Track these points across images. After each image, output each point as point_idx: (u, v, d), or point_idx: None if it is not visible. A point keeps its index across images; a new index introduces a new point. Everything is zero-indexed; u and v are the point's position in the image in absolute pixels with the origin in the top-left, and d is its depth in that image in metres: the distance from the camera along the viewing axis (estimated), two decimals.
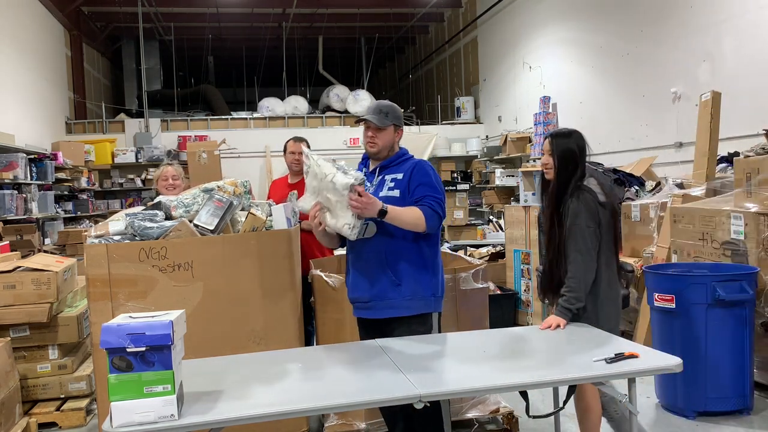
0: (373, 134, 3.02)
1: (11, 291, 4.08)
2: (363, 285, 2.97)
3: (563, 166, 3.08)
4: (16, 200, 7.59)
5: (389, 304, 2.93)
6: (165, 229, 3.41)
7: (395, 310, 2.93)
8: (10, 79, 9.04)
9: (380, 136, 3.01)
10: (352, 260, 3.05)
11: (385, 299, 2.93)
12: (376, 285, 2.93)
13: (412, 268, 2.93)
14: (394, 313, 2.93)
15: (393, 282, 2.91)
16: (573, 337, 2.82)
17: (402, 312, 2.93)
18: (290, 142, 4.73)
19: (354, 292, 3.04)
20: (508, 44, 11.66)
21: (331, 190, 2.74)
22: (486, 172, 11.57)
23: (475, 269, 3.68)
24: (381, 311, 2.95)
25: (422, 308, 2.96)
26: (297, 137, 4.78)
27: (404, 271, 2.92)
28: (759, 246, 4.16)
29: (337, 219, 2.78)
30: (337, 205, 2.75)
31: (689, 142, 6.62)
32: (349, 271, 3.08)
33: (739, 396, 3.90)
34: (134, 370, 1.97)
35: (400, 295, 2.91)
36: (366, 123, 3.01)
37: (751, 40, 6.03)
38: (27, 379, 4.23)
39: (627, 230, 5.89)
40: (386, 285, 2.92)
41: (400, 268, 2.92)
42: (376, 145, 3.03)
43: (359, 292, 3.00)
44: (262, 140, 12.60)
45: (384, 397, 2.22)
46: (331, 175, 2.73)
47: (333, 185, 2.71)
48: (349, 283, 3.07)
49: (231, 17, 14.63)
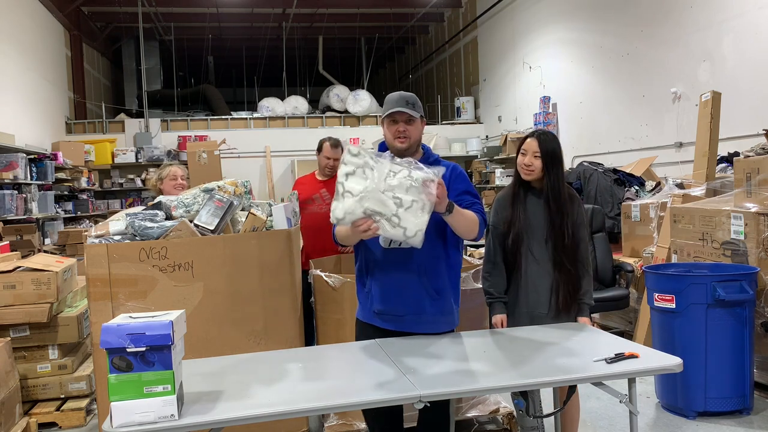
0: (404, 128, 2.69)
1: (11, 291, 4.08)
2: (395, 296, 2.69)
3: (554, 165, 2.98)
4: (16, 200, 7.59)
5: (426, 319, 2.71)
6: (165, 229, 3.41)
7: (432, 325, 2.73)
8: (10, 79, 9.04)
9: (411, 129, 2.70)
10: (379, 266, 2.71)
11: (423, 314, 2.70)
12: (412, 297, 2.68)
13: (448, 279, 2.73)
14: (430, 329, 2.73)
15: (431, 295, 2.68)
16: (573, 337, 2.82)
17: (438, 328, 2.75)
18: (326, 144, 4.55)
19: (384, 303, 2.72)
20: (508, 44, 11.66)
21: (406, 190, 2.35)
22: (486, 172, 11.57)
23: (475, 269, 3.68)
24: (416, 326, 2.73)
25: (452, 324, 2.80)
26: (333, 141, 4.58)
27: (441, 283, 2.70)
28: (759, 246, 4.16)
29: (406, 226, 2.36)
30: (410, 209, 2.36)
31: (689, 142, 6.63)
32: (374, 278, 2.73)
33: (739, 396, 3.90)
34: (134, 370, 1.97)
35: (439, 309, 2.71)
36: (393, 117, 2.69)
37: (751, 40, 6.03)
38: (27, 379, 4.23)
39: (627, 230, 5.90)
40: (424, 297, 2.68)
41: (438, 278, 2.69)
42: (407, 140, 2.70)
43: (391, 304, 2.71)
44: (262, 140, 12.61)
45: (384, 397, 2.22)
46: (407, 172, 2.35)
47: (411, 182, 2.33)
48: (376, 292, 2.72)
49: (231, 17, 14.64)
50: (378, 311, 2.74)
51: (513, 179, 3.14)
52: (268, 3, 13.60)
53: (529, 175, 3.01)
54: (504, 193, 3.17)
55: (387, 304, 2.71)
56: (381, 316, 2.75)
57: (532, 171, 2.99)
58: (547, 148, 2.97)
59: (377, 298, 2.73)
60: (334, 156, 4.51)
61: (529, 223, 3.02)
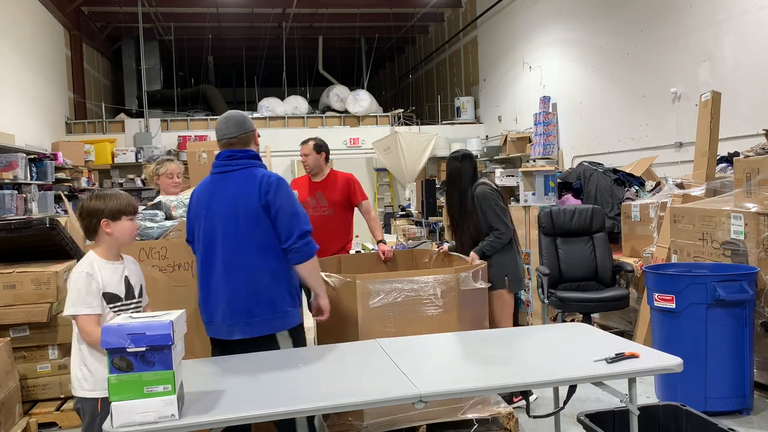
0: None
1: (11, 291, 4.08)
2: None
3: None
4: (16, 200, 7.59)
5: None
6: (165, 229, 3.41)
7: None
8: (10, 79, 9.04)
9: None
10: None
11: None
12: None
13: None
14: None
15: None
16: (573, 337, 2.82)
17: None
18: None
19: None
20: (507, 44, 11.66)
21: None
22: (486, 172, 11.57)
23: (475, 269, 3.68)
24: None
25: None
26: (305, 140, 4.87)
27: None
28: (759, 246, 4.16)
29: None
30: None
31: (689, 142, 6.63)
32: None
33: (739, 396, 3.90)
34: (134, 370, 1.97)
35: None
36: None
37: (751, 40, 6.03)
38: (27, 379, 4.23)
39: (627, 230, 5.90)
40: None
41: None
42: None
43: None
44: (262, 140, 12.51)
45: (384, 397, 2.22)
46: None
47: None
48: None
49: (231, 17, 14.63)
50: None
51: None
52: (268, 3, 13.60)
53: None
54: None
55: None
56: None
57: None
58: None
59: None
60: (302, 152, 4.80)
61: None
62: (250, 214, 2.89)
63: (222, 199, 2.96)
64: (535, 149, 10.04)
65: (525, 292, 6.32)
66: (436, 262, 4.48)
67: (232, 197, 2.93)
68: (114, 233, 2.66)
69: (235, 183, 2.95)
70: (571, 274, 5.49)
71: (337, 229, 4.77)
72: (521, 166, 7.77)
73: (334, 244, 4.70)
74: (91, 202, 2.67)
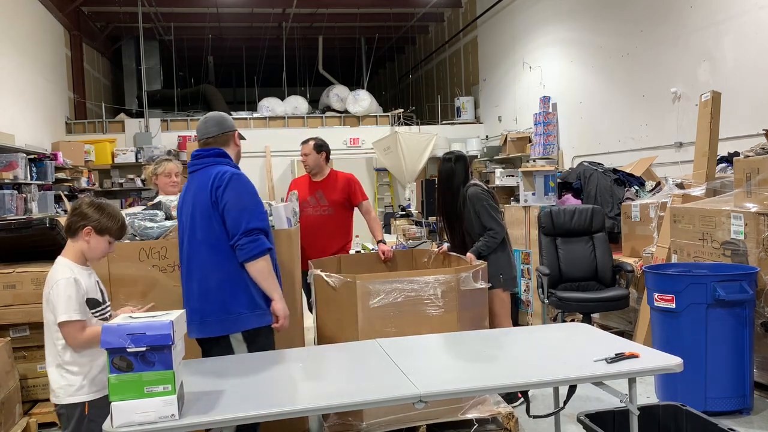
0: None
1: (11, 291, 4.08)
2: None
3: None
4: (16, 200, 7.59)
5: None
6: (165, 229, 3.41)
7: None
8: (10, 79, 9.04)
9: None
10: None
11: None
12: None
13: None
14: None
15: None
16: (573, 337, 2.83)
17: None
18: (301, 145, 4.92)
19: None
20: (507, 44, 11.66)
21: None
22: (486, 172, 11.57)
23: (475, 269, 3.68)
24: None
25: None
26: (305, 140, 4.90)
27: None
28: (759, 246, 4.16)
29: None
30: None
31: (689, 142, 6.63)
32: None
33: (739, 396, 3.90)
34: (135, 370, 1.97)
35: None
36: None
37: (751, 40, 6.03)
38: (27, 379, 4.22)
39: (627, 230, 5.89)
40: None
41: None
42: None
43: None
44: (262, 140, 12.60)
45: (384, 397, 2.22)
46: None
47: None
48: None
49: (231, 17, 14.63)
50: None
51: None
52: (268, 3, 13.59)
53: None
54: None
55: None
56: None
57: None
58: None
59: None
60: (302, 152, 4.81)
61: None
62: (204, 212, 2.89)
63: (186, 199, 3.02)
64: (535, 149, 10.03)
65: (525, 292, 6.32)
66: (435, 262, 4.48)
67: (192, 196, 2.97)
68: (90, 244, 2.65)
69: (196, 181, 2.98)
70: (571, 274, 5.49)
71: (337, 229, 4.78)
72: (521, 166, 7.77)
73: (334, 244, 4.71)
74: (89, 208, 2.66)
